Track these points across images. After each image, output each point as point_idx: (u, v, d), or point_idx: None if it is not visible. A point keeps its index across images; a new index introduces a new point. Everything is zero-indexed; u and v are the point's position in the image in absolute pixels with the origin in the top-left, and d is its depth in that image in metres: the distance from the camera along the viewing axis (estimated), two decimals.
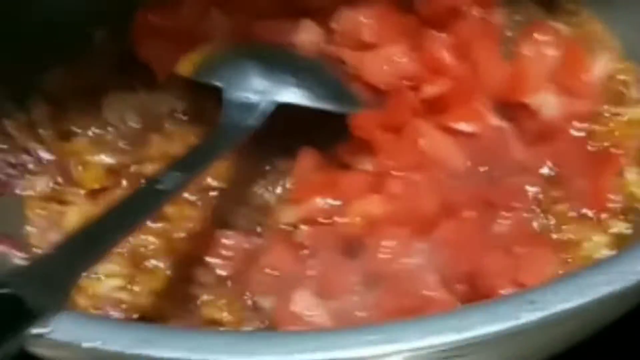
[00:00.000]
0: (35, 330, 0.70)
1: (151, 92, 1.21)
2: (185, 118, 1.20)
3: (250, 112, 1.05)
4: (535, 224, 1.04)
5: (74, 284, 0.79)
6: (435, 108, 1.09)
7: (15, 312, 0.70)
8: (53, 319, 0.72)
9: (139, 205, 0.91)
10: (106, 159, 1.17)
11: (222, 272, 1.04)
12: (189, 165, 0.98)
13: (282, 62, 1.11)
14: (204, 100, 1.19)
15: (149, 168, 1.15)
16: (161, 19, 1.21)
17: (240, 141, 1.05)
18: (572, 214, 1.05)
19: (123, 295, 1.04)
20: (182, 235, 1.08)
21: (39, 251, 1.08)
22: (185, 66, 1.13)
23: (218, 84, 1.09)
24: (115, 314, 1.02)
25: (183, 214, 1.10)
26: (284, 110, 1.09)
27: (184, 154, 1.03)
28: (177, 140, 1.17)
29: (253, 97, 1.06)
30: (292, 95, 1.06)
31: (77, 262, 0.81)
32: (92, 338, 0.71)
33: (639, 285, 0.71)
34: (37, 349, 0.74)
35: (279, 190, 1.12)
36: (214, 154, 1.01)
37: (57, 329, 0.72)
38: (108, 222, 0.87)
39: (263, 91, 1.06)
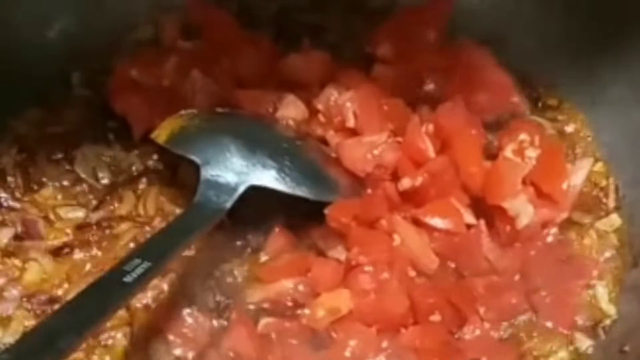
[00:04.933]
0: None
1: (126, 148, 1.19)
2: (158, 177, 1.17)
3: (225, 192, 1.03)
4: (500, 333, 1.03)
5: None
6: (411, 201, 1.08)
7: None
8: None
9: (99, 300, 0.87)
10: (74, 214, 1.15)
11: (181, 353, 1.00)
12: (158, 251, 0.95)
13: (262, 141, 1.08)
14: (179, 160, 1.16)
15: (119, 228, 1.13)
16: (141, 75, 1.19)
17: (214, 222, 1.02)
18: (538, 325, 1.03)
19: None
20: (145, 304, 1.05)
21: None
22: (162, 133, 1.11)
23: (195, 159, 1.06)
24: None
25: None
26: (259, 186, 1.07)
27: (154, 237, 1.00)
28: (149, 200, 1.16)
29: (230, 178, 1.04)
30: (270, 179, 1.05)
31: None
32: None
33: None
34: None
35: (248, 267, 1.09)
36: (186, 238, 0.99)
37: None
38: (64, 321, 0.83)
39: (240, 172, 1.04)
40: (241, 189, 1.04)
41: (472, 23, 1.27)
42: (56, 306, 1.05)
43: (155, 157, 1.19)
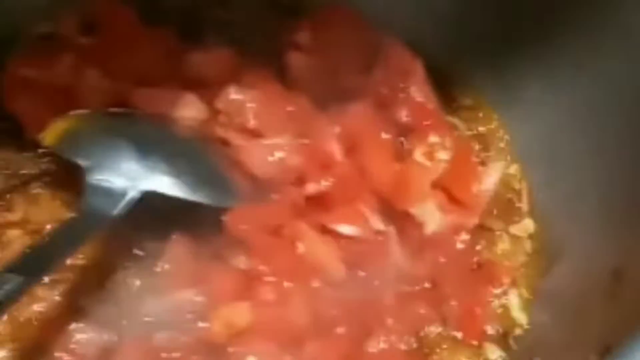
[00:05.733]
0: None
1: (18, 151, 1.13)
2: (53, 181, 1.11)
3: (114, 199, 0.97)
4: (407, 345, 0.99)
5: None
6: (317, 206, 1.04)
7: None
8: None
9: None
10: None
11: None
12: (34, 264, 0.89)
13: (156, 144, 1.03)
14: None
15: (10, 234, 1.07)
16: (35, 73, 1.12)
17: (99, 232, 0.97)
18: (446, 336, 1.00)
19: None
20: (31, 319, 1.00)
21: None
22: (50, 135, 1.05)
23: (81, 163, 1.00)
24: None
25: (33, 295, 1.00)
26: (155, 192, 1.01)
27: (30, 249, 0.93)
28: (42, 205, 1.10)
29: (119, 183, 0.98)
30: (163, 184, 1.00)
31: None
32: None
33: None
34: None
35: (144, 277, 1.03)
36: (67, 249, 0.93)
37: None
38: None
39: (131, 176, 0.99)
40: (131, 194, 0.97)
41: (390, 21, 1.22)
42: None
43: (50, 159, 1.13)
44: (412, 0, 1.26)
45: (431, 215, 1.02)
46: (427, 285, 1.04)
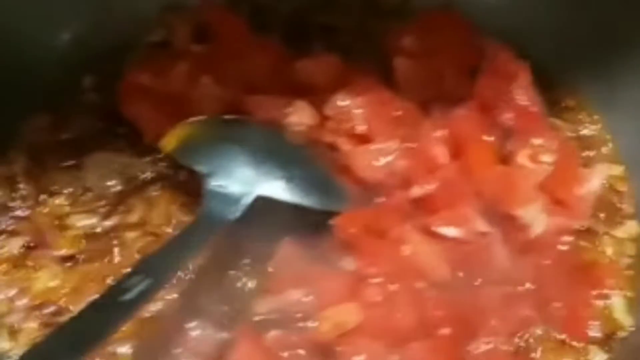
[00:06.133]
0: None
1: (136, 155, 1.18)
2: (169, 185, 1.16)
3: (231, 204, 1.02)
4: (511, 347, 1.00)
5: None
6: (422, 209, 1.06)
7: None
8: None
9: (98, 321, 0.87)
10: (84, 222, 1.14)
11: None
12: (160, 266, 0.94)
13: (270, 151, 1.07)
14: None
15: (129, 236, 1.13)
16: (151, 80, 1.18)
17: (217, 234, 1.02)
18: (550, 338, 1.01)
19: None
20: (151, 316, 1.05)
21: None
22: (169, 142, 1.10)
23: (201, 170, 1.05)
24: None
25: None
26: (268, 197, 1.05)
27: (155, 252, 0.99)
28: (159, 207, 1.15)
29: (235, 188, 1.03)
30: (277, 189, 1.04)
31: None
32: None
33: None
34: None
35: (255, 279, 1.08)
36: (189, 252, 0.98)
37: None
38: (65, 340, 0.84)
39: (247, 182, 1.03)
40: (248, 200, 1.02)
41: (493, 24, 1.24)
42: (64, 317, 1.05)
43: (166, 163, 1.18)
44: (515, 5, 1.27)
45: (537, 218, 1.03)
46: (530, 286, 1.04)
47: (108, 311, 0.87)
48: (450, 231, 1.05)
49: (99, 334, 0.85)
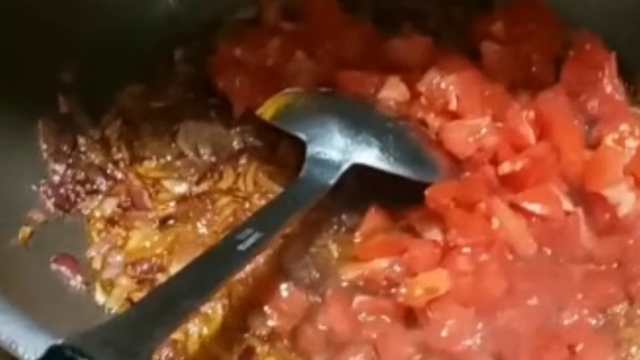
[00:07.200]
0: None
1: (226, 125, 1.21)
2: (257, 155, 1.19)
3: (330, 169, 1.05)
4: (597, 320, 1.02)
5: (150, 353, 0.77)
6: (510, 185, 1.08)
7: None
8: None
9: (218, 266, 0.90)
10: (176, 187, 1.17)
11: (276, 325, 1.03)
12: (269, 222, 0.97)
13: (366, 121, 1.10)
14: (278, 138, 1.19)
15: (219, 202, 1.16)
16: (245, 54, 1.21)
17: (317, 198, 1.05)
18: (634, 315, 1.03)
19: (178, 336, 1.03)
20: (242, 278, 1.07)
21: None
22: (268, 110, 1.12)
23: (302, 136, 1.08)
24: (167, 352, 1.02)
25: None
26: (358, 166, 1.08)
27: (264, 209, 1.04)
28: (248, 176, 1.18)
29: (334, 155, 1.05)
30: (372, 157, 1.06)
31: (154, 329, 0.78)
32: None
33: None
34: None
35: (343, 245, 1.10)
36: (294, 211, 1.02)
37: None
38: (186, 283, 0.86)
39: (344, 150, 1.06)
40: (345, 166, 1.05)
41: (577, 16, 1.27)
42: (159, 274, 1.09)
43: (254, 135, 1.21)
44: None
45: (625, 198, 1.05)
46: (614, 265, 1.05)
47: (227, 258, 0.90)
48: (537, 208, 1.07)
49: (219, 278, 0.88)
